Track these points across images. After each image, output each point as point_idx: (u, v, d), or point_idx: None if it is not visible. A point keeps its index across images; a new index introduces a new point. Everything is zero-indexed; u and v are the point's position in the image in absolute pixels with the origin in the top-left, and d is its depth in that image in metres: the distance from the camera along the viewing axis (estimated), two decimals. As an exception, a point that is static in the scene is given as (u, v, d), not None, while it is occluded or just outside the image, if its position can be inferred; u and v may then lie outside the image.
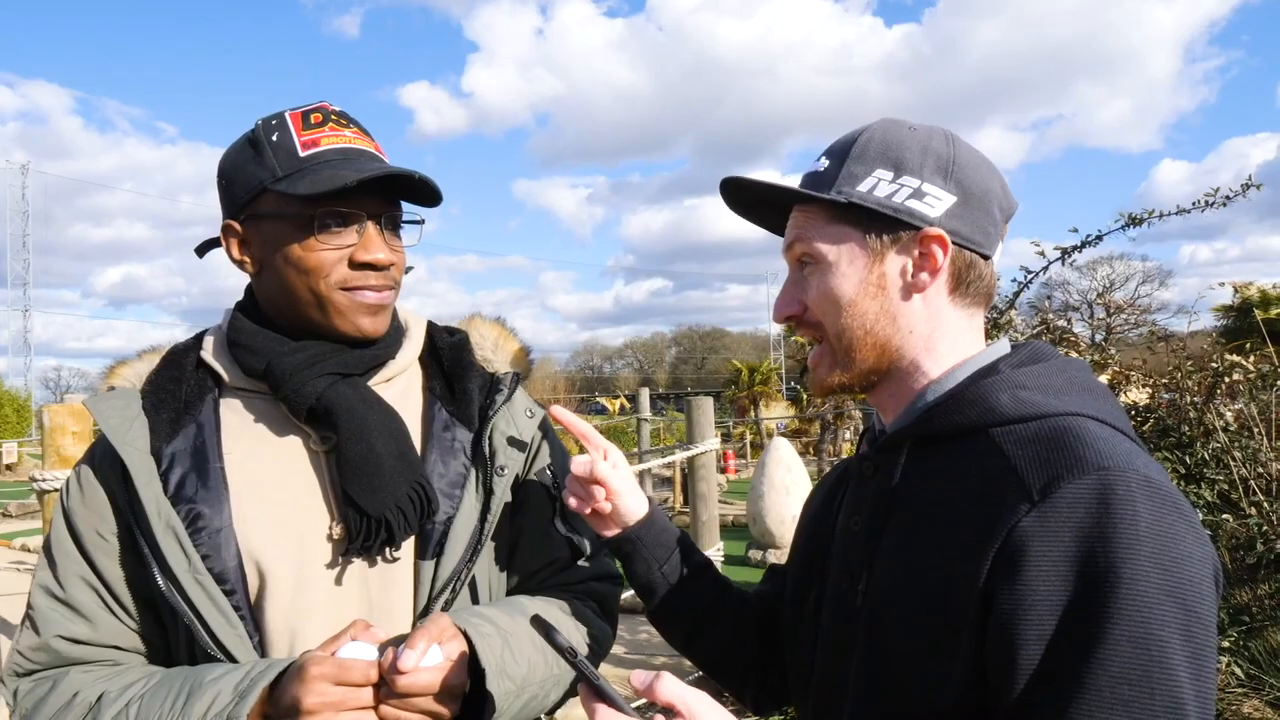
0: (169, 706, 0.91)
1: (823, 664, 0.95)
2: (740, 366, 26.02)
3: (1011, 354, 0.91)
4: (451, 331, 1.22)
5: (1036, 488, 0.74)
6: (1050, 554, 0.71)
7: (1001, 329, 4.17)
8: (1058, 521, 0.72)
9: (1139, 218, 3.79)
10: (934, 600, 0.79)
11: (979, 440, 0.83)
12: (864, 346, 0.91)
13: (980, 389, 0.85)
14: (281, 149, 1.02)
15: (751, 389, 24.22)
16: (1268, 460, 3.38)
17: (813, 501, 1.13)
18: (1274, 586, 3.10)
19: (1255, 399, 3.62)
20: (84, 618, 1.02)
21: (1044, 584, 0.71)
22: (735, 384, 25.13)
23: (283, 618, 1.01)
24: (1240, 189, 3.73)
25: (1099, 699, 0.67)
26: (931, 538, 0.82)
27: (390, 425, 1.05)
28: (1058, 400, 0.83)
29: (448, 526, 1.06)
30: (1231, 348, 4.31)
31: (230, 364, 1.09)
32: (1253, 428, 3.53)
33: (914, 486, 0.87)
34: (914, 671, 0.80)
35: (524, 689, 0.97)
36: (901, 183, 0.89)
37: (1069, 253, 3.94)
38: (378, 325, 1.06)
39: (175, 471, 1.03)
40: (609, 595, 1.19)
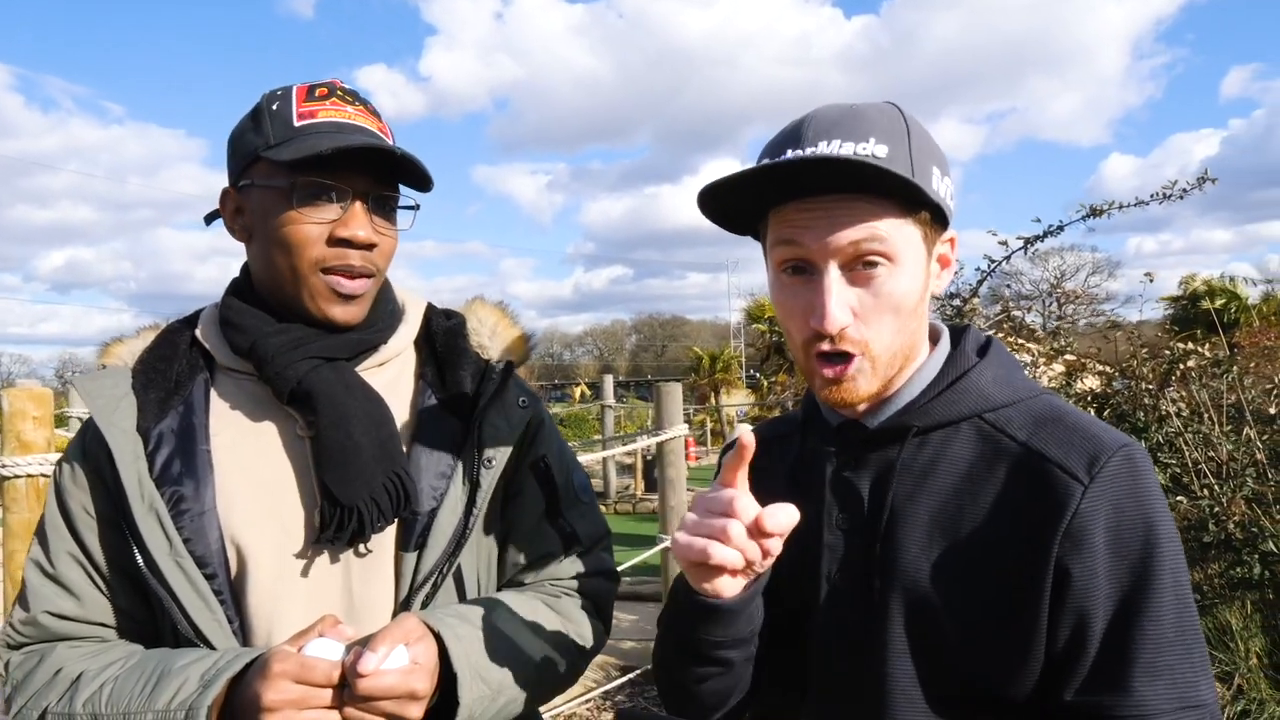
0: (138, 691, 0.91)
1: (832, 669, 0.89)
2: (702, 354, 26.12)
3: (964, 340, 0.93)
4: (449, 315, 1.19)
5: (1082, 468, 0.80)
6: (1111, 524, 0.79)
7: (965, 317, 4.25)
8: (1109, 496, 0.79)
9: (1099, 209, 3.88)
10: (993, 584, 0.81)
11: (972, 425, 0.86)
12: (901, 353, 0.86)
13: (969, 380, 0.88)
14: (278, 117, 1.01)
15: (713, 376, 24.34)
16: (1219, 444, 3.50)
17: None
18: (1223, 566, 3.22)
19: (1206, 385, 3.75)
20: (72, 595, 1.01)
21: (1105, 553, 0.79)
22: (696, 371, 25.24)
23: (263, 604, 1.00)
24: (1196, 182, 3.84)
25: (1156, 643, 0.77)
26: (964, 525, 0.83)
27: (372, 413, 1.03)
28: (1021, 382, 0.89)
29: (431, 518, 1.04)
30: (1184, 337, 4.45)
31: (221, 343, 1.08)
32: (1204, 413, 3.65)
33: (916, 477, 0.86)
34: (976, 657, 0.81)
35: (500, 692, 0.95)
36: (946, 181, 0.87)
37: (1031, 242, 4.02)
38: (349, 314, 1.04)
39: (161, 452, 1.01)
40: (603, 592, 1.16)
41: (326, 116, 1.01)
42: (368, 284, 1.04)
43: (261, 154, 1.00)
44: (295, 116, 1.01)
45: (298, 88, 1.04)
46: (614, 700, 4.40)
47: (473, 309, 1.22)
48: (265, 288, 1.06)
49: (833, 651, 0.90)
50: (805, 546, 0.89)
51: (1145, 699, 0.76)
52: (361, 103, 1.06)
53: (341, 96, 1.04)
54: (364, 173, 1.01)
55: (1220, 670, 3.13)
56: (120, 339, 1.15)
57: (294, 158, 0.96)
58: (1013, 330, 4.41)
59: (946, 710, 0.84)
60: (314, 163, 0.97)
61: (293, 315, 1.04)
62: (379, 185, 1.03)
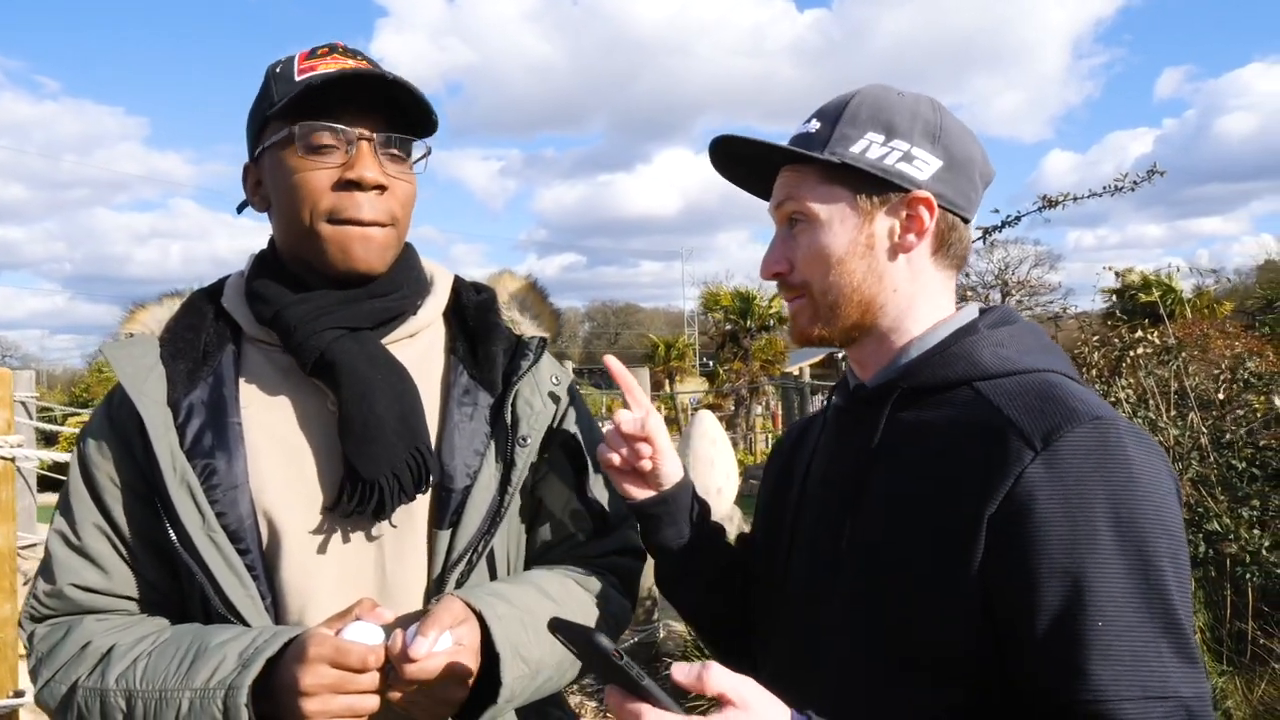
0: (174, 667, 0.90)
1: (793, 618, 0.96)
2: (657, 342, 26.21)
3: (984, 316, 0.97)
4: (479, 289, 1.17)
5: (1038, 436, 0.80)
6: (1059, 496, 0.77)
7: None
8: (1063, 467, 0.78)
9: (1055, 200, 4.00)
10: (934, 543, 0.83)
11: (962, 392, 0.89)
12: (849, 304, 0.94)
13: (964, 345, 0.91)
14: (281, 78, 1.01)
15: (668, 364, 24.45)
16: (1165, 429, 3.66)
17: (773, 464, 1.14)
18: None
19: (1153, 373, 3.91)
20: (98, 566, 0.99)
21: (1053, 525, 0.77)
22: (651, 359, 25.31)
23: (295, 579, 0.98)
24: (1145, 175, 3.99)
25: (1114, 627, 0.75)
26: (924, 483, 0.86)
27: (396, 386, 1.01)
28: (1031, 358, 0.90)
29: (466, 495, 1.02)
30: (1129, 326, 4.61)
31: (247, 313, 1.06)
32: (1149, 399, 3.81)
33: (899, 436, 0.91)
34: (910, 614, 0.83)
35: (539, 671, 0.95)
36: (892, 146, 0.92)
37: (989, 232, 4.13)
38: (370, 257, 1.00)
39: (192, 424, 1.00)
40: (631, 570, 1.15)
41: (326, 69, 0.99)
42: (387, 231, 1.01)
43: (268, 114, 0.99)
44: (296, 73, 1.00)
45: (300, 52, 1.04)
46: (580, 684, 4.43)
47: (502, 283, 1.20)
48: (286, 252, 1.04)
49: (790, 606, 0.97)
50: (795, 498, 1.03)
51: (1103, 684, 0.74)
52: (364, 58, 1.04)
53: (344, 53, 1.03)
54: (368, 114, 0.98)
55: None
56: (144, 305, 1.12)
57: (289, 97, 0.95)
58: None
59: (884, 672, 0.85)
60: (314, 107, 0.95)
61: (315, 279, 1.02)
62: (385, 125, 1.00)
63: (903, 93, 0.96)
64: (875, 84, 0.98)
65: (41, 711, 0.96)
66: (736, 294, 26.46)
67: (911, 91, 0.98)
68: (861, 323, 0.95)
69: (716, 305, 26.24)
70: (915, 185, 0.92)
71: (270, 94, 1.00)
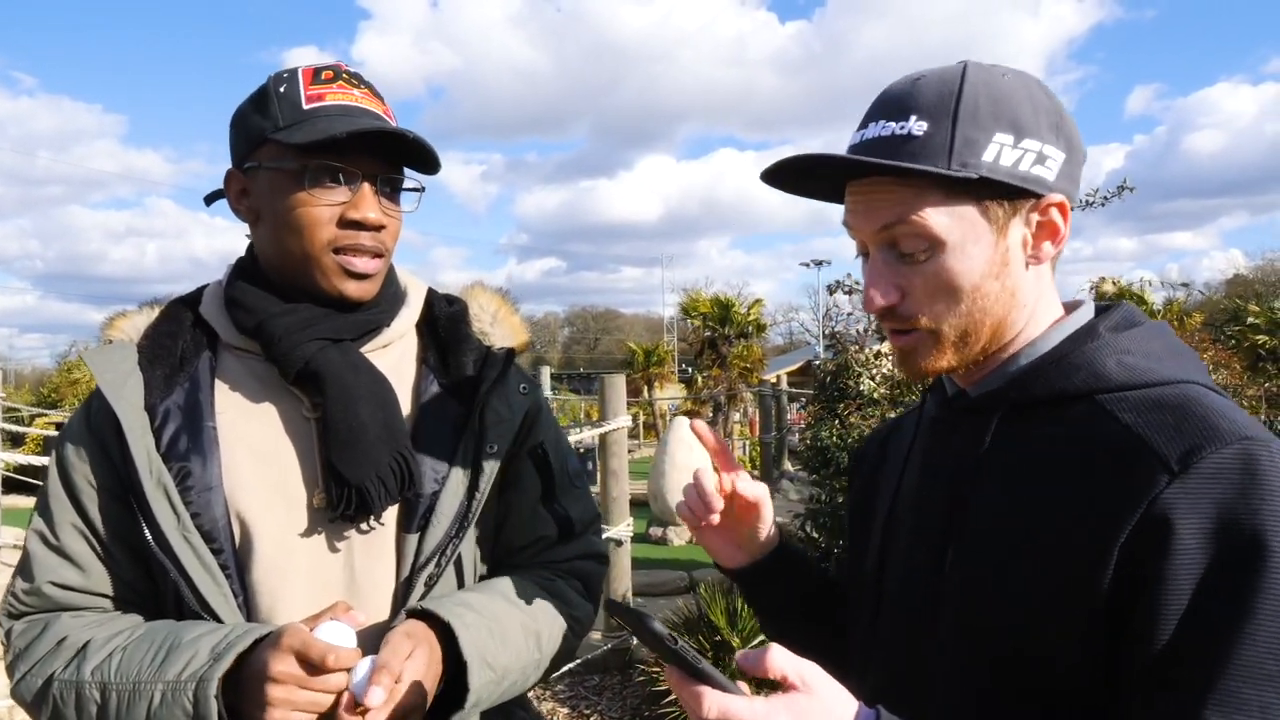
0: (148, 661, 0.92)
1: (890, 651, 0.89)
2: (636, 348, 26.24)
3: (1103, 317, 0.85)
4: (451, 301, 1.21)
5: (1174, 458, 0.70)
6: (1195, 527, 0.68)
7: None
8: (1201, 493, 0.68)
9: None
10: (1054, 572, 0.74)
11: (1082, 406, 0.78)
12: (982, 329, 0.82)
13: (1084, 354, 0.80)
14: (286, 100, 1.02)
15: (647, 370, 24.48)
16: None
17: (863, 462, 1.07)
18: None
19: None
20: (76, 565, 1.02)
21: (1190, 557, 0.67)
22: (630, 365, 25.33)
23: (266, 579, 1.01)
24: (1116, 191, 4.09)
25: (1246, 672, 0.65)
26: (1040, 507, 0.76)
27: (378, 393, 1.05)
28: (1163, 367, 0.79)
29: (434, 501, 1.05)
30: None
31: (226, 321, 1.08)
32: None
33: (1007, 453, 0.81)
34: (1025, 643, 0.75)
35: (505, 676, 0.99)
36: (1024, 147, 0.78)
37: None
38: (362, 291, 1.05)
39: (168, 428, 1.02)
40: (594, 574, 1.20)
41: (334, 99, 1.03)
42: (380, 263, 1.06)
43: (270, 136, 1.01)
44: (304, 99, 1.02)
45: (304, 70, 1.05)
46: (554, 690, 4.43)
47: (473, 295, 1.23)
48: (273, 268, 1.07)
49: (889, 628, 0.90)
50: (883, 519, 0.94)
51: None
52: (366, 86, 1.07)
53: (348, 80, 1.05)
54: (373, 155, 1.02)
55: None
56: (124, 313, 1.15)
57: (306, 140, 0.97)
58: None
59: (994, 703, 0.78)
60: (325, 146, 0.98)
61: (301, 294, 1.05)
62: (387, 168, 1.04)
63: (1007, 73, 0.82)
64: (972, 63, 0.82)
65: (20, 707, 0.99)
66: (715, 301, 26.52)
67: (1012, 69, 0.83)
68: (990, 344, 0.83)
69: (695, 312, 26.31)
70: (1048, 188, 0.80)
71: (273, 113, 1.02)
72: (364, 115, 1.03)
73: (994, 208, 0.79)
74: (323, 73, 1.05)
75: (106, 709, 0.92)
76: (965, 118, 0.78)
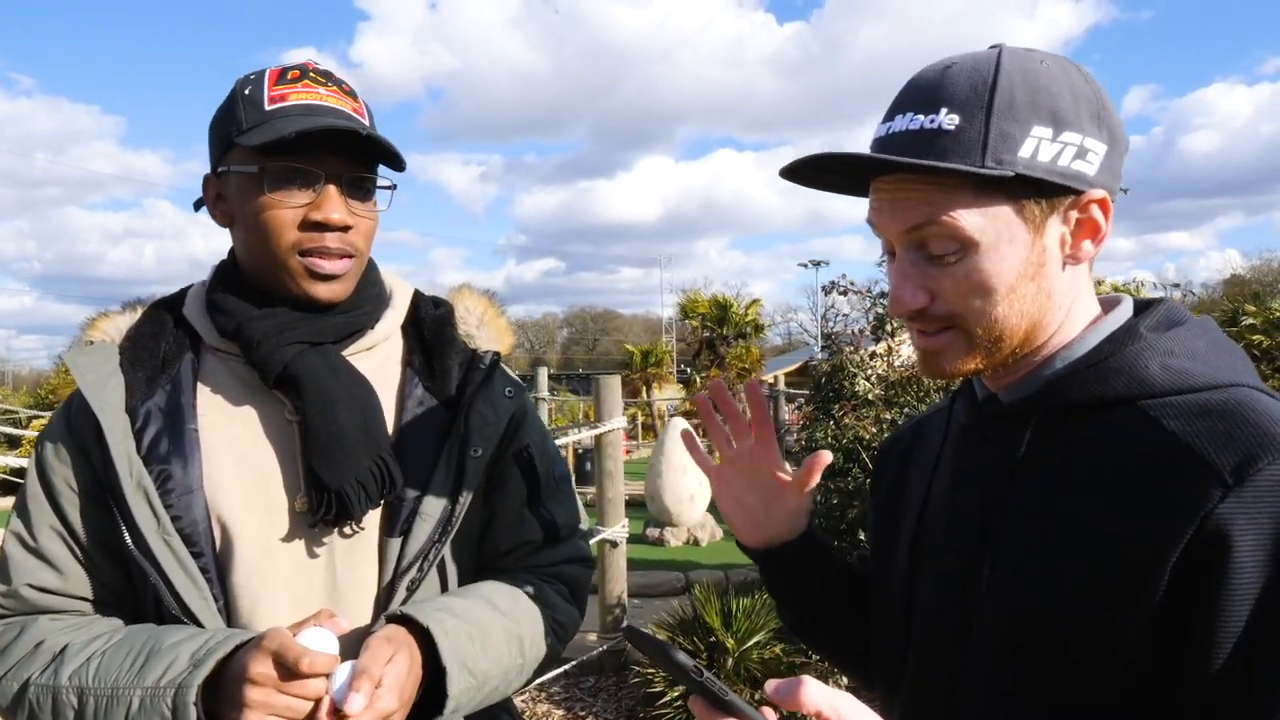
0: (127, 666, 0.91)
1: (923, 665, 0.85)
2: (634, 349, 26.23)
3: (1144, 316, 0.79)
4: (437, 303, 1.20)
5: (1228, 469, 0.66)
6: (1255, 543, 0.64)
7: (889, 320, 4.40)
8: (1260, 507, 0.64)
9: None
10: (1101, 589, 0.70)
11: (1123, 411, 0.74)
12: (1017, 332, 0.77)
13: (1125, 357, 0.75)
14: (250, 102, 1.02)
15: (645, 371, 24.46)
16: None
17: (886, 464, 1.02)
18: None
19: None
20: (54, 568, 1.01)
21: (1250, 576, 0.64)
22: (628, 366, 25.32)
23: (247, 582, 1.00)
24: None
25: None
26: (1083, 521, 0.72)
27: (358, 397, 1.04)
28: (1210, 370, 0.74)
29: (417, 504, 1.05)
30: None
31: (208, 324, 1.08)
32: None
33: (1043, 460, 0.77)
34: (1067, 659, 0.72)
35: (486, 682, 0.99)
36: (1064, 141, 0.73)
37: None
38: (331, 292, 1.04)
39: (149, 430, 1.01)
40: (579, 578, 1.19)
41: (298, 99, 1.01)
42: (348, 264, 1.04)
43: (235, 139, 1.00)
44: (266, 100, 1.01)
45: (270, 70, 1.04)
46: (549, 692, 4.42)
47: (460, 297, 1.22)
48: (249, 271, 1.06)
49: (923, 642, 0.86)
50: (912, 526, 0.90)
51: None
52: (335, 84, 1.05)
53: (314, 78, 1.04)
54: (336, 155, 1.01)
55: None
56: (106, 313, 1.13)
57: (260, 142, 0.97)
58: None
59: (1032, 715, 0.74)
60: (283, 146, 0.97)
61: (277, 298, 1.04)
62: (353, 167, 1.02)
63: (1045, 60, 0.76)
64: (1010, 50, 0.76)
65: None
66: (714, 301, 26.53)
67: (1051, 55, 0.77)
68: (1022, 347, 0.79)
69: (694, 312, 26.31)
70: (1088, 184, 0.74)
71: (238, 116, 1.01)
72: (327, 113, 1.01)
73: (1030, 206, 0.74)
74: (289, 72, 1.03)
75: (84, 714, 0.91)
76: (1000, 110, 0.72)
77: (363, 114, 1.07)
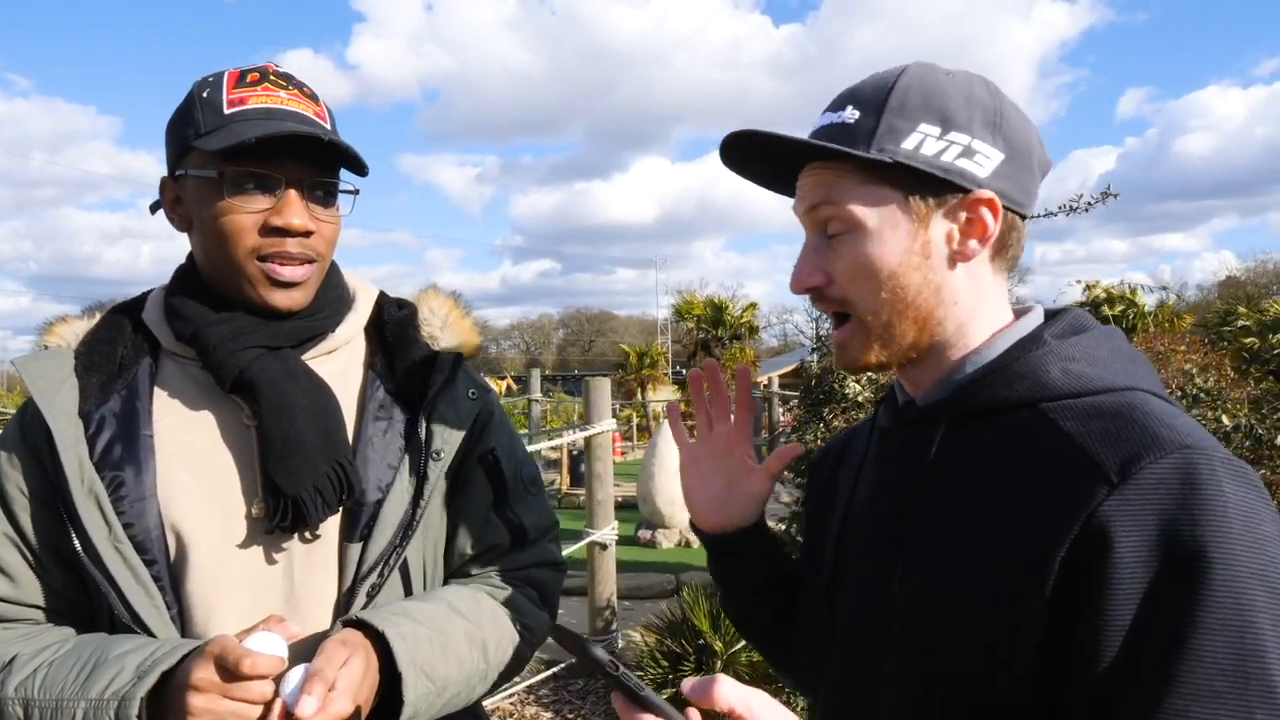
0: (73, 677, 0.90)
1: (844, 655, 0.89)
2: (629, 350, 26.21)
3: (1051, 323, 0.84)
4: (401, 304, 1.19)
5: (1114, 468, 0.69)
6: (1136, 539, 0.66)
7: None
8: (1141, 504, 0.67)
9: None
10: (997, 587, 0.73)
11: (1025, 415, 0.78)
12: (905, 321, 0.83)
13: (1029, 362, 0.79)
14: (209, 105, 1.00)
15: (640, 372, 24.46)
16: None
17: (819, 470, 1.07)
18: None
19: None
20: (7, 576, 1.00)
21: (1131, 572, 0.66)
22: (623, 367, 25.33)
23: (202, 590, 0.99)
24: (1099, 197, 4.07)
25: (1193, 690, 0.63)
26: (985, 520, 0.76)
27: (316, 402, 1.03)
28: (1109, 374, 0.78)
29: (377, 509, 1.04)
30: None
31: (166, 328, 1.06)
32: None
33: (953, 463, 0.81)
34: (972, 659, 0.74)
35: (446, 688, 0.97)
36: (950, 139, 0.80)
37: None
38: (291, 300, 1.02)
39: (102, 436, 1.00)
40: (549, 582, 1.17)
41: (257, 103, 1.00)
42: (309, 270, 1.03)
43: (193, 143, 0.99)
44: (225, 104, 0.99)
45: (229, 73, 1.03)
46: (538, 695, 4.41)
47: (425, 299, 1.21)
48: (207, 275, 1.05)
49: (840, 642, 0.89)
50: (836, 530, 0.94)
51: None
52: (295, 86, 1.04)
53: (274, 81, 1.03)
54: (297, 159, 0.99)
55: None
56: (65, 318, 1.12)
57: (219, 147, 0.95)
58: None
59: (944, 714, 0.76)
60: (243, 151, 0.95)
61: (235, 303, 1.03)
62: (314, 171, 1.01)
63: (951, 72, 0.83)
64: (919, 62, 0.84)
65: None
66: (709, 302, 26.56)
67: (960, 70, 0.84)
68: (919, 341, 0.84)
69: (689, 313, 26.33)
70: (976, 184, 0.80)
71: (195, 119, 1.00)
72: (287, 118, 1.00)
73: (916, 199, 0.81)
74: (248, 75, 1.02)
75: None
76: (893, 108, 0.80)
77: (324, 117, 1.05)
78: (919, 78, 0.82)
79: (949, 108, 0.80)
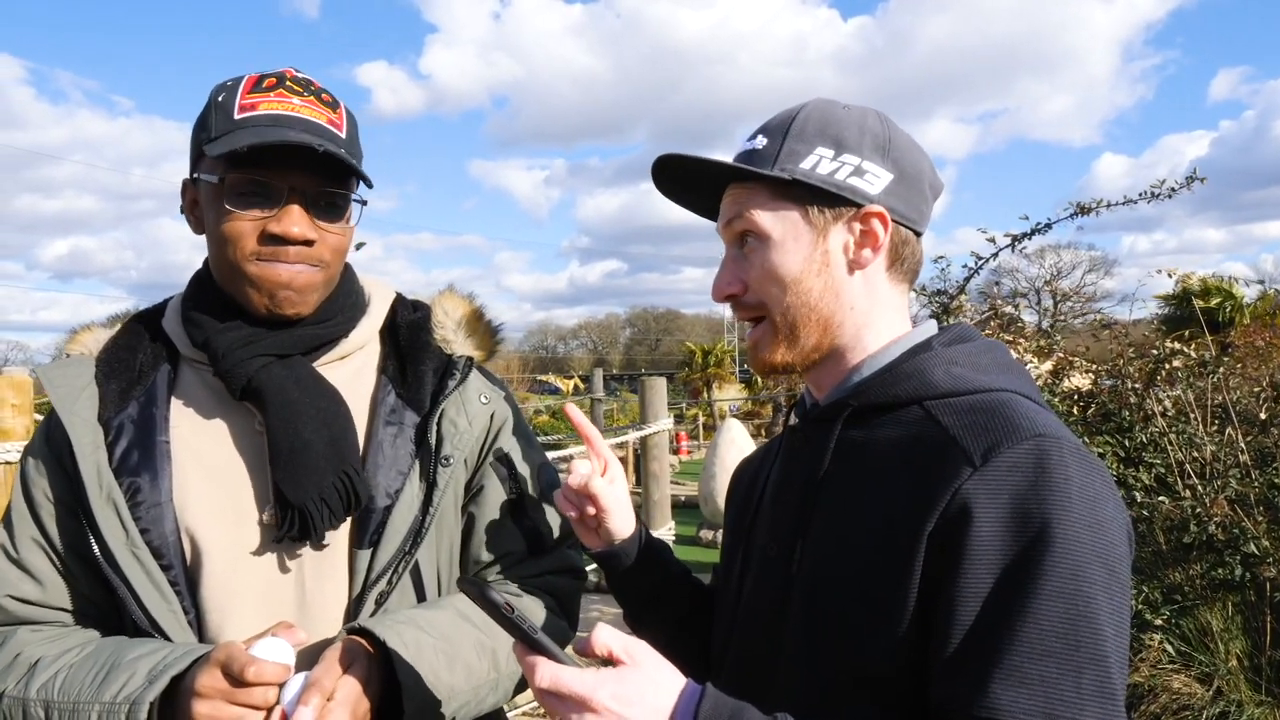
0: (89, 681, 0.91)
1: (746, 633, 0.95)
2: (694, 349, 26.10)
3: (941, 333, 0.95)
4: (416, 307, 1.17)
5: (978, 453, 0.78)
6: (993, 514, 0.75)
7: (952, 314, 4.25)
8: (998, 483, 0.76)
9: (1087, 207, 3.87)
10: (878, 562, 0.81)
11: (912, 411, 0.87)
12: (808, 323, 0.92)
13: (916, 364, 0.89)
14: (221, 110, 1.00)
15: (705, 371, 24.33)
16: (1202, 444, 3.50)
17: (740, 479, 1.13)
18: (1204, 567, 3.22)
19: (1192, 385, 3.75)
20: (35, 579, 1.01)
21: (984, 542, 0.75)
22: (689, 366, 25.24)
23: (216, 596, 0.99)
24: (1185, 182, 3.84)
25: (1029, 649, 0.71)
26: (871, 503, 0.84)
27: (324, 410, 1.01)
28: (987, 377, 0.88)
29: (386, 515, 1.02)
30: (1173, 336, 4.43)
31: (183, 334, 1.07)
32: (1189, 413, 3.66)
33: (848, 456, 0.89)
34: (857, 633, 0.81)
35: (453, 697, 0.95)
36: (843, 160, 0.91)
37: (1019, 240, 4.02)
38: (295, 304, 1.00)
39: (120, 443, 1.01)
40: (568, 589, 1.14)
41: (268, 109, 0.98)
42: (314, 274, 1.01)
43: (204, 147, 0.99)
44: (236, 109, 0.99)
45: (248, 78, 1.02)
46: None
47: (440, 301, 1.19)
48: (219, 281, 1.05)
49: (744, 621, 0.96)
50: (749, 521, 1.01)
51: (1000, 704, 0.70)
52: (313, 93, 1.02)
53: (290, 87, 1.01)
54: (302, 169, 0.97)
55: (1200, 672, 3.14)
56: (89, 326, 1.13)
57: (218, 154, 0.95)
58: (1000, 327, 4.40)
59: (834, 691, 0.83)
60: (245, 158, 0.94)
61: (242, 310, 1.02)
62: (319, 181, 0.99)
63: (848, 106, 0.95)
64: (820, 98, 0.97)
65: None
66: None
67: (858, 105, 0.96)
68: (821, 343, 0.93)
69: (756, 312, 26.00)
70: (868, 199, 0.91)
71: (209, 123, 1.00)
72: (295, 125, 0.98)
73: (815, 213, 0.91)
74: (265, 80, 1.01)
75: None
76: (794, 134, 0.92)
77: (340, 125, 1.03)
78: (817, 109, 0.94)
79: (842, 134, 0.92)
